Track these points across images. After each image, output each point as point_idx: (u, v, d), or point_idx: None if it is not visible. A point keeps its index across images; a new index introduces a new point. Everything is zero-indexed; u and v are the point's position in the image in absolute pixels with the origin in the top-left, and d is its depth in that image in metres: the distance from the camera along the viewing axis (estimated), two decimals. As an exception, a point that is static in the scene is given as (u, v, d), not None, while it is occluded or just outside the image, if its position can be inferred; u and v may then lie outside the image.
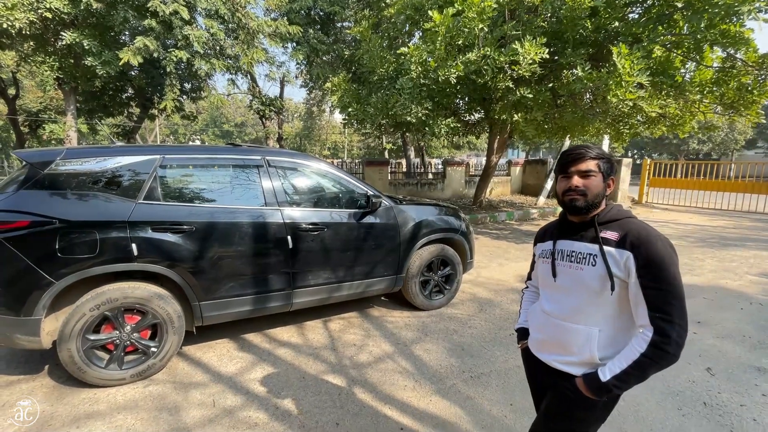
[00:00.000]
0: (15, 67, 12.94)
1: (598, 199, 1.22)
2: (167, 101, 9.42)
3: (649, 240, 1.11)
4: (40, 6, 7.04)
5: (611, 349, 1.18)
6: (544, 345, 1.34)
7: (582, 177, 1.21)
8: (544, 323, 1.34)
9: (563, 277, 1.26)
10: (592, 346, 1.18)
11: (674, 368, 2.76)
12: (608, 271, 1.14)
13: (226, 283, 2.74)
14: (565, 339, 1.24)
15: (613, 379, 1.10)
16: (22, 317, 2.22)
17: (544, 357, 1.33)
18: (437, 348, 3.07)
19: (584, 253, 1.21)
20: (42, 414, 2.22)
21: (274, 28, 9.74)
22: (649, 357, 1.06)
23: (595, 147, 1.24)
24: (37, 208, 2.26)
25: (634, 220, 1.21)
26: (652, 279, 1.08)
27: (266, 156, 3.04)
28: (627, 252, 1.13)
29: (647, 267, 1.09)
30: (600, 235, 1.19)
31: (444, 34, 5.60)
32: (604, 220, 1.22)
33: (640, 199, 13.12)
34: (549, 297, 1.34)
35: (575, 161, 1.22)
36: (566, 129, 8.26)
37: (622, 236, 1.16)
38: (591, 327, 1.20)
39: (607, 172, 1.22)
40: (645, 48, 5.47)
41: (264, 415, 2.25)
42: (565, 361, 1.25)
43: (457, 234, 3.90)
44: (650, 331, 1.08)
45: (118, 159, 2.57)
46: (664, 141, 33.37)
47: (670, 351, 1.05)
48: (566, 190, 1.24)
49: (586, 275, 1.19)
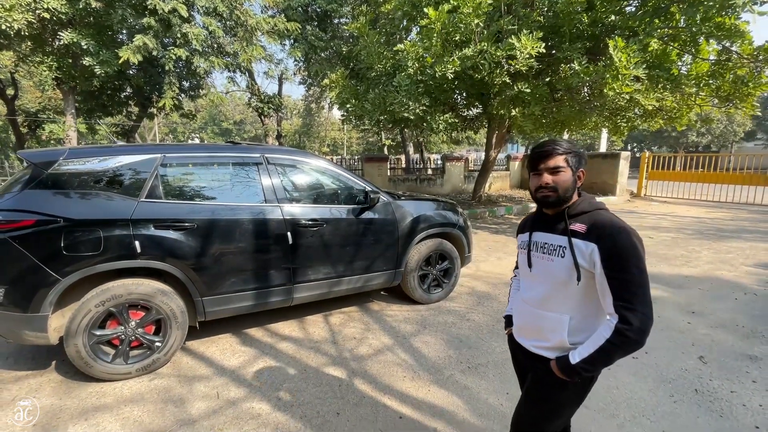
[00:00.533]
0: (13, 67, 12.95)
1: (569, 192, 1.27)
2: (166, 99, 9.43)
3: (613, 232, 1.15)
4: (38, 6, 7.06)
5: (582, 334, 1.25)
6: (523, 330, 1.42)
7: (551, 173, 1.26)
8: (522, 310, 1.42)
9: (537, 267, 1.34)
10: (562, 331, 1.26)
11: (667, 357, 2.83)
12: (575, 262, 1.20)
13: (227, 278, 2.80)
14: (540, 325, 1.33)
15: (582, 362, 1.17)
16: (29, 314, 2.28)
17: (523, 342, 1.42)
18: (436, 340, 3.13)
19: (555, 244, 1.28)
20: (51, 407, 2.28)
21: (272, 25, 9.73)
22: (614, 343, 1.12)
23: (564, 142, 1.27)
24: (41, 207, 2.31)
25: (602, 212, 1.25)
26: (616, 269, 1.13)
27: (265, 153, 3.09)
28: (592, 244, 1.17)
29: (611, 258, 1.13)
30: (569, 227, 1.25)
31: (440, 31, 5.62)
32: (574, 212, 1.27)
33: (639, 192, 13.16)
34: (526, 285, 1.42)
35: (544, 158, 1.27)
36: (564, 123, 8.30)
37: (588, 228, 1.20)
38: (562, 314, 1.27)
39: (576, 165, 1.27)
40: (641, 41, 5.50)
41: (266, 406, 2.32)
42: (541, 345, 1.33)
43: (455, 228, 3.95)
44: (615, 319, 1.13)
45: (120, 158, 2.62)
46: (663, 134, 33.35)
47: (633, 337, 1.10)
48: (538, 187, 1.29)
49: (556, 266, 1.26)
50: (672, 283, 4.48)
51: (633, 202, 11.91)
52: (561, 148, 1.25)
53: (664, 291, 4.23)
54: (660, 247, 6.12)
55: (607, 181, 12.35)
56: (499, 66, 5.96)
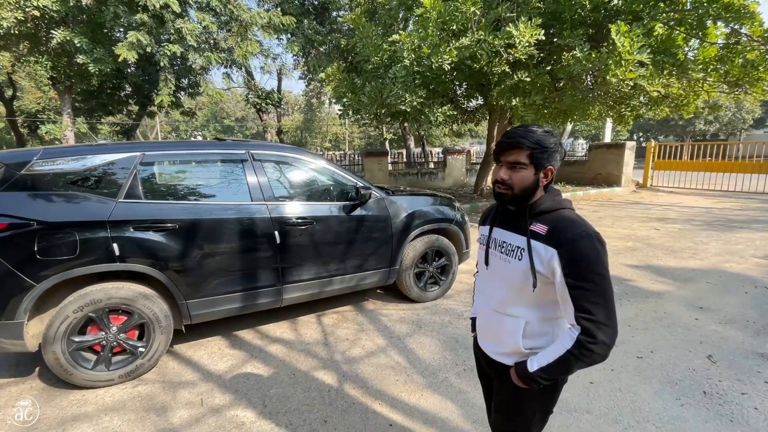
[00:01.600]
0: (10, 68, 12.92)
1: (527, 192, 1.13)
2: (162, 96, 9.33)
3: (574, 237, 1.04)
4: (28, 5, 6.95)
5: (539, 339, 1.17)
6: (483, 332, 1.32)
7: (509, 168, 1.13)
8: (483, 311, 1.33)
9: (494, 267, 1.25)
10: (517, 336, 1.17)
11: (673, 357, 2.70)
12: (532, 267, 1.09)
13: (212, 281, 2.70)
14: (496, 328, 1.24)
15: (539, 371, 1.09)
16: (3, 321, 2.19)
17: (484, 346, 1.32)
18: (431, 341, 3.02)
19: (513, 245, 1.16)
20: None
21: (268, 20, 9.57)
22: (575, 355, 1.03)
23: (536, 132, 1.11)
24: (14, 210, 2.22)
25: (564, 213, 1.12)
26: (578, 278, 1.02)
27: (250, 150, 2.97)
28: (552, 249, 1.06)
29: (571, 266, 1.03)
30: (530, 227, 1.12)
31: (435, 20, 5.45)
32: (536, 211, 1.14)
33: (645, 183, 12.91)
34: (484, 283, 1.32)
35: (504, 151, 1.14)
36: (567, 113, 8.09)
37: (549, 230, 1.08)
38: (518, 318, 1.18)
39: (543, 162, 1.12)
40: (645, 25, 5.29)
41: (251, 413, 2.22)
42: (499, 351, 1.25)
43: (452, 224, 3.82)
44: (576, 330, 1.04)
45: (97, 157, 2.51)
46: (670, 122, 32.77)
47: (596, 351, 1.01)
48: (494, 180, 1.17)
49: (512, 268, 1.15)
50: (678, 276, 4.33)
51: (639, 193, 11.68)
52: (527, 141, 1.09)
53: (669, 285, 4.08)
54: (666, 239, 5.95)
55: (611, 172, 12.12)
56: (498, 55, 5.78)
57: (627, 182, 12.00)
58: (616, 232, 6.46)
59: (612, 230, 6.64)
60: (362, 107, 7.16)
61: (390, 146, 24.16)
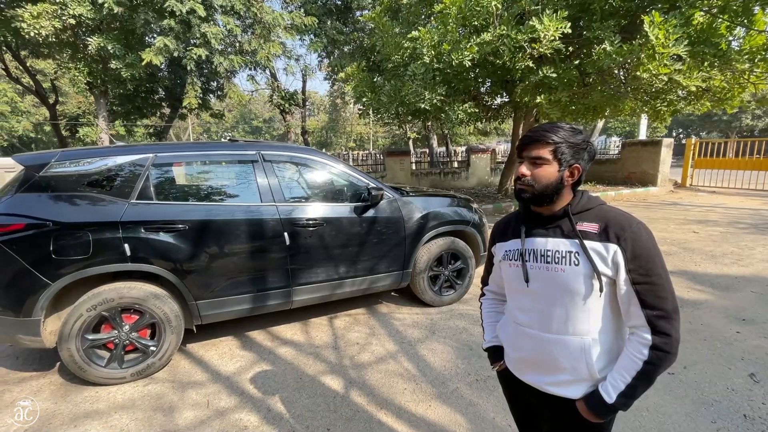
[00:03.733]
0: (54, 74, 13.72)
1: (549, 190, 1.03)
2: (189, 98, 9.63)
3: (633, 229, 0.97)
4: (64, 13, 7.33)
5: (609, 357, 1.03)
6: (527, 364, 1.14)
7: (531, 164, 1.04)
8: (520, 338, 1.14)
9: (538, 282, 1.07)
10: (588, 358, 1.01)
11: (710, 373, 2.47)
12: (594, 269, 0.97)
13: (222, 282, 2.70)
14: (553, 354, 1.05)
15: (620, 398, 0.96)
16: (21, 318, 2.27)
17: (529, 379, 1.14)
18: (443, 348, 2.90)
19: (563, 250, 1.02)
20: (45, 412, 2.27)
21: (290, 21, 9.67)
22: (653, 363, 0.94)
23: (564, 129, 1.02)
24: (31, 210, 2.29)
25: (608, 207, 1.04)
26: (643, 273, 0.95)
27: (261, 150, 2.95)
28: (613, 245, 0.97)
29: (636, 260, 0.95)
30: (577, 227, 1.01)
31: (456, 15, 5.29)
32: (577, 210, 1.04)
33: (684, 182, 12.16)
34: (522, 306, 1.13)
35: (527, 145, 1.04)
36: (596, 109, 7.70)
37: (603, 228, 0.99)
38: (582, 336, 1.02)
39: (569, 159, 1.02)
40: (683, 14, 4.92)
41: (255, 417, 2.19)
42: (558, 381, 1.06)
43: (469, 226, 3.69)
44: (647, 332, 0.95)
45: (112, 159, 2.56)
46: (713, 118, 30.84)
47: (671, 351, 0.94)
48: (516, 177, 1.07)
49: (568, 277, 1.01)
50: (718, 284, 4.00)
51: (676, 193, 11.01)
52: (553, 136, 1.00)
53: (708, 294, 3.77)
54: (706, 243, 5.53)
55: (647, 171, 11.48)
56: (522, 50, 5.55)
57: (663, 182, 11.33)
58: (650, 235, 6.07)
59: (645, 233, 6.25)
60: (382, 106, 7.09)
61: (414, 146, 23.99)
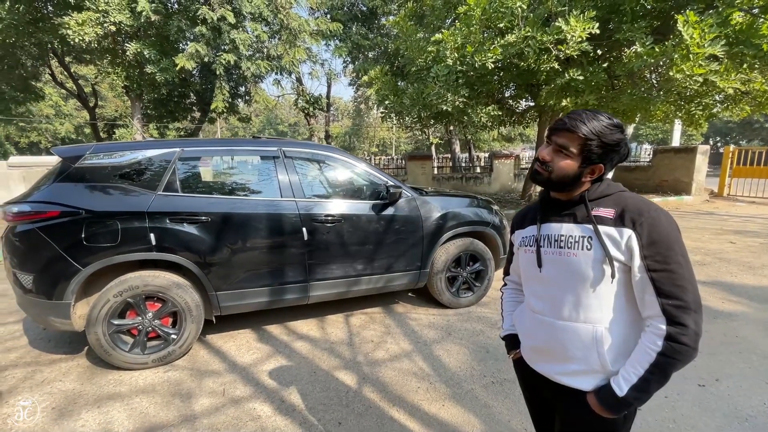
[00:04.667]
0: (94, 79, 14.52)
1: (564, 181, 1.02)
2: (218, 102, 9.97)
3: (651, 214, 0.93)
4: (106, 20, 7.77)
5: (623, 349, 0.98)
6: (539, 353, 1.11)
7: (555, 151, 1.02)
8: (534, 325, 1.12)
9: (551, 267, 1.05)
10: (600, 348, 0.97)
11: (744, 387, 2.32)
12: (606, 254, 0.94)
13: (241, 274, 2.76)
14: (564, 342, 1.03)
15: (632, 391, 0.91)
16: (54, 301, 2.39)
17: (541, 368, 1.11)
18: (459, 349, 2.86)
19: (576, 235, 1.00)
20: (72, 392, 2.37)
21: (316, 27, 9.89)
22: (668, 355, 0.88)
23: (601, 122, 0.97)
24: (66, 199, 2.42)
25: (628, 194, 1.01)
26: (660, 260, 0.90)
27: (282, 147, 3.02)
28: (628, 230, 0.93)
29: (653, 246, 0.91)
30: (592, 213, 0.99)
31: (479, 17, 5.27)
32: (594, 196, 1.02)
33: (721, 192, 11.56)
34: (535, 292, 1.11)
35: (558, 130, 1.01)
36: (626, 113, 7.45)
37: (619, 213, 0.96)
38: (594, 324, 0.98)
39: (596, 157, 0.98)
40: (720, 14, 4.72)
41: (269, 408, 2.22)
42: (569, 371, 1.03)
43: (489, 227, 3.63)
44: (662, 323, 0.90)
45: (141, 152, 2.68)
46: (754, 125, 29.26)
47: (690, 344, 0.88)
48: (536, 157, 1.05)
49: (580, 261, 0.98)
50: (756, 296, 3.76)
51: (713, 203, 10.48)
52: (584, 128, 0.96)
53: (745, 305, 3.55)
54: (744, 254, 5.23)
55: (680, 179, 10.98)
56: (547, 52, 5.45)
57: (698, 190, 10.81)
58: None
59: (677, 242, 5.98)
60: (404, 108, 7.11)
61: (436, 151, 23.89)
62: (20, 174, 7.44)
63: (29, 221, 2.36)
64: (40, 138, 28.71)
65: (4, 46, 9.53)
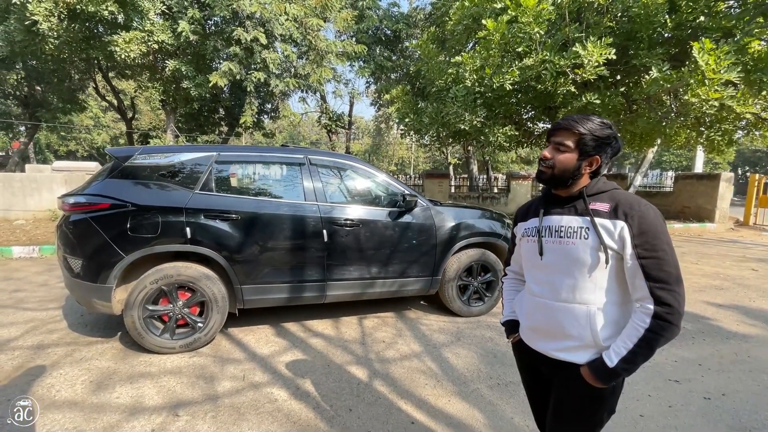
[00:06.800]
0: (134, 93, 15.49)
1: (566, 175, 1.16)
2: (246, 117, 10.50)
3: (641, 208, 1.08)
4: (150, 39, 8.44)
5: (614, 328, 1.11)
6: (537, 332, 1.24)
7: (554, 149, 1.18)
8: (534, 307, 1.25)
9: (551, 254, 1.19)
10: (593, 325, 1.10)
11: (752, 403, 2.35)
12: (601, 242, 1.08)
13: (264, 269, 2.96)
14: (561, 322, 1.16)
15: (621, 363, 1.04)
16: (98, 284, 2.64)
17: (539, 346, 1.24)
18: (468, 353, 2.95)
19: (575, 226, 1.14)
20: (107, 369, 2.59)
21: (342, 48, 10.40)
22: (654, 331, 1.02)
23: (593, 121, 1.15)
24: (116, 193, 2.70)
25: (622, 191, 1.16)
26: (649, 248, 1.04)
27: (308, 155, 3.26)
28: (621, 222, 1.08)
29: (642, 235, 1.05)
30: (590, 206, 1.14)
31: (498, 42, 5.52)
32: (592, 192, 1.17)
33: (746, 221, 11.27)
34: (536, 278, 1.25)
35: (555, 131, 1.19)
36: (644, 137, 7.50)
37: (613, 207, 1.11)
38: (588, 305, 1.12)
39: (591, 150, 1.15)
40: (737, 42, 4.82)
41: (285, 393, 2.37)
42: (564, 347, 1.16)
43: (500, 239, 3.75)
44: (650, 303, 1.03)
45: (182, 155, 2.96)
46: (786, 156, 28.33)
47: (673, 321, 1.02)
48: (539, 158, 1.22)
49: (578, 249, 1.12)
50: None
51: (737, 231, 10.23)
52: (580, 127, 1.14)
53: (760, 329, 3.52)
54: (765, 281, 5.14)
55: (703, 206, 10.80)
56: (564, 75, 5.63)
57: (722, 218, 10.58)
58: (701, 269, 5.73)
59: (696, 267, 5.90)
60: (423, 127, 7.37)
61: (454, 171, 24.10)
62: (63, 177, 8.00)
63: (83, 211, 2.65)
64: (78, 147, 30.44)
65: (58, 61, 10.41)
